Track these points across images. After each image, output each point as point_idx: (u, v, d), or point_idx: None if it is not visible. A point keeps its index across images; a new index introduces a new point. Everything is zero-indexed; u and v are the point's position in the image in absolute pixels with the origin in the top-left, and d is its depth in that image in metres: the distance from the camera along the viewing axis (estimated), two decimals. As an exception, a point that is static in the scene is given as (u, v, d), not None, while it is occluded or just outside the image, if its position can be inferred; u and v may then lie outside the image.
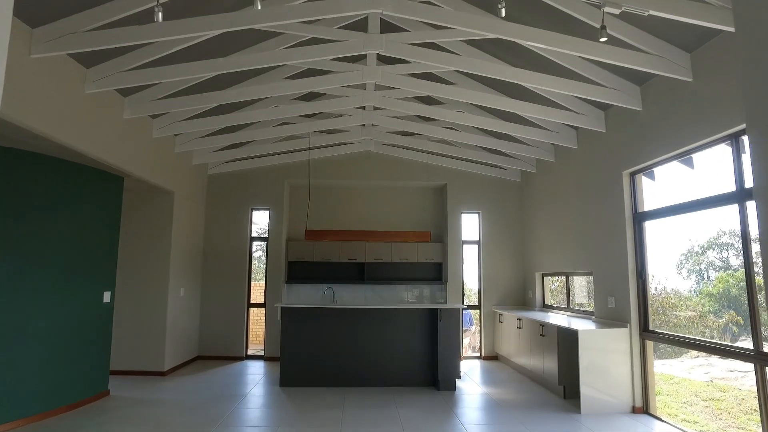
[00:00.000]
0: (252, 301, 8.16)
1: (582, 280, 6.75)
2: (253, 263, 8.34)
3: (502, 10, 3.43)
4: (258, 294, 8.47)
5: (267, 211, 8.31)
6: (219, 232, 8.08)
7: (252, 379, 6.41)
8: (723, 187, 4.02)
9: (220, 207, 8.15)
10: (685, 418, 5.07)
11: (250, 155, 7.92)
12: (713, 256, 5.61)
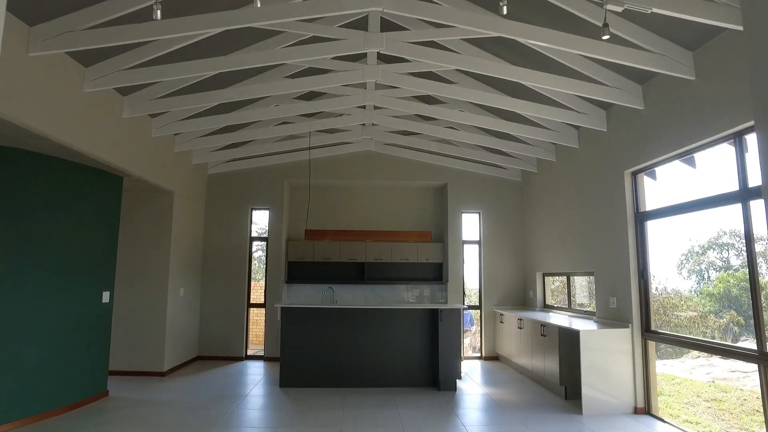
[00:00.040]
0: (252, 301, 8.13)
1: (583, 280, 6.73)
2: (253, 263, 8.32)
3: (504, 8, 3.40)
4: (258, 294, 8.45)
5: (267, 211, 8.28)
6: (219, 231, 8.06)
7: (252, 380, 6.38)
8: (726, 187, 4.00)
9: (219, 207, 8.12)
10: (687, 419, 5.04)
11: (249, 155, 7.90)
12: (713, 256, 5.59)
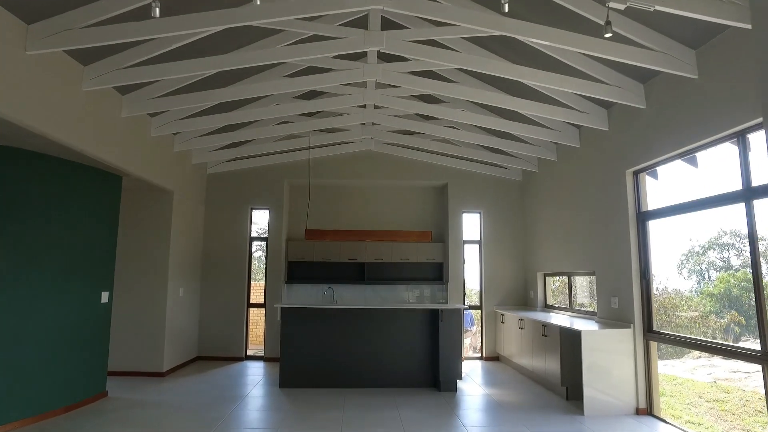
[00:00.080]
0: (252, 301, 8.11)
1: (584, 280, 6.70)
2: (252, 263, 8.29)
3: (506, 6, 3.37)
4: (258, 294, 8.43)
5: (267, 211, 8.25)
6: (218, 231, 8.03)
7: (251, 380, 6.36)
8: (728, 186, 3.97)
9: (219, 206, 8.09)
10: (689, 420, 5.01)
11: (249, 154, 7.87)
12: (714, 256, 5.57)
